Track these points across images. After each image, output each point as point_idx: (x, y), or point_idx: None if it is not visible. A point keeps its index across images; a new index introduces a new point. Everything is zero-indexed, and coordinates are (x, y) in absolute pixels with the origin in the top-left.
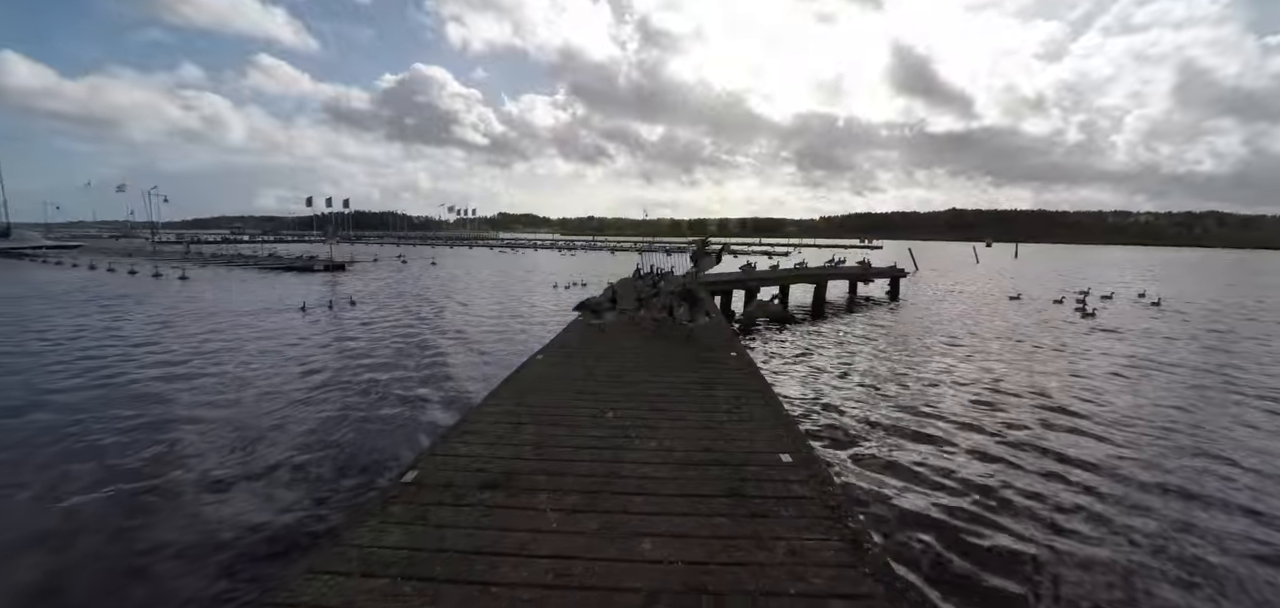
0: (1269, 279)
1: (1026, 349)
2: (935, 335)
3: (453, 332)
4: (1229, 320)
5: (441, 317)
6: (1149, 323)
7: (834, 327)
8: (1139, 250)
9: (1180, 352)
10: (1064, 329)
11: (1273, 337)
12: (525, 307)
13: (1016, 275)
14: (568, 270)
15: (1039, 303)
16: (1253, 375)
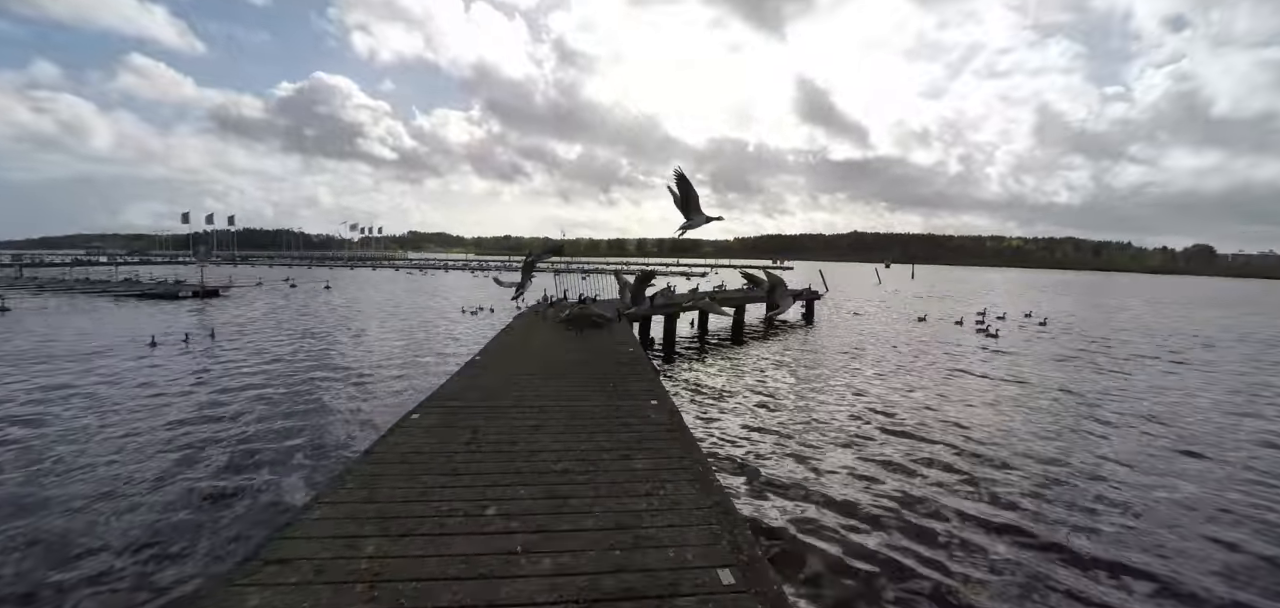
0: (1117, 298)
1: (942, 373)
2: (853, 363)
3: (327, 376)
4: (1099, 336)
5: (321, 355)
6: (1043, 344)
7: (754, 354)
8: (1013, 271)
9: (1071, 372)
10: (974, 353)
11: (1134, 356)
12: (422, 340)
13: (917, 297)
14: (478, 294)
15: (944, 325)
16: (1121, 396)
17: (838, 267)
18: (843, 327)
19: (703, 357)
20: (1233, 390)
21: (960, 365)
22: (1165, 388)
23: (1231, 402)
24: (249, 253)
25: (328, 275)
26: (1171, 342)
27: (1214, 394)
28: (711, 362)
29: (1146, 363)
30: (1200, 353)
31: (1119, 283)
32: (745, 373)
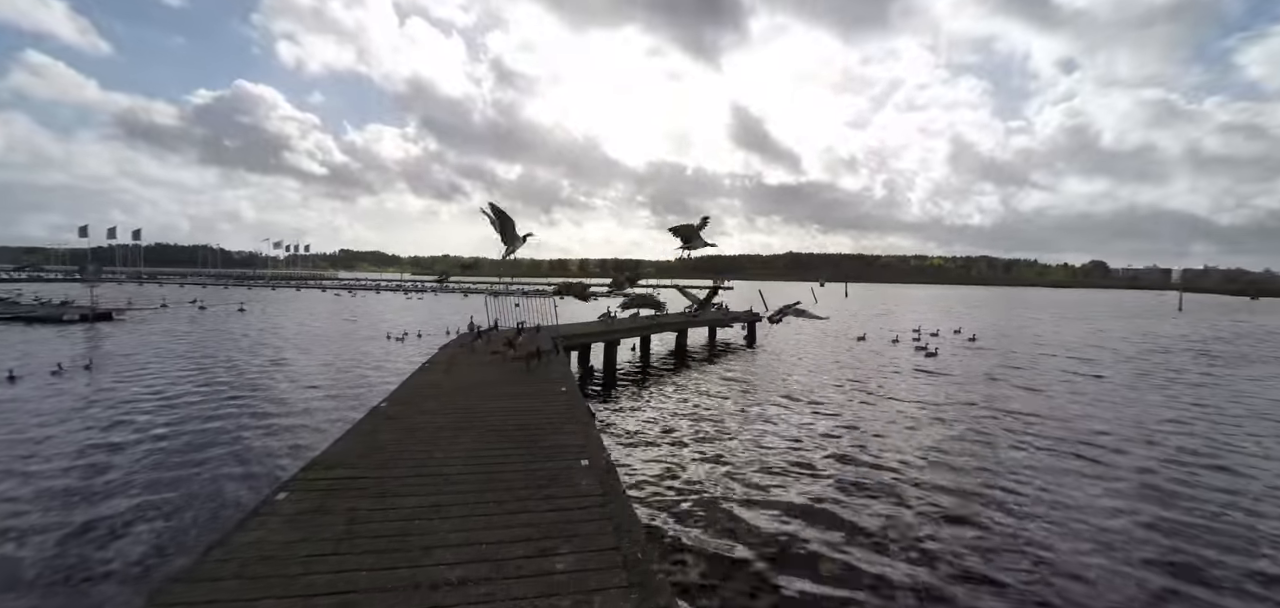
0: (1031, 312)
1: (891, 397)
2: (800, 390)
3: (217, 424)
4: (1024, 352)
5: (217, 393)
6: (978, 361)
7: (698, 381)
8: (934, 287)
9: (1007, 391)
10: (915, 375)
11: (1065, 372)
12: (338, 374)
13: (854, 315)
14: (410, 317)
15: (883, 343)
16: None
17: (775, 285)
18: (786, 349)
19: (645, 385)
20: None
21: (904, 388)
22: (1096, 400)
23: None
24: (159, 270)
25: (245, 296)
26: (1090, 353)
27: (1133, 409)
28: (655, 391)
29: (1075, 378)
30: (1115, 365)
31: (1029, 297)
32: (689, 402)
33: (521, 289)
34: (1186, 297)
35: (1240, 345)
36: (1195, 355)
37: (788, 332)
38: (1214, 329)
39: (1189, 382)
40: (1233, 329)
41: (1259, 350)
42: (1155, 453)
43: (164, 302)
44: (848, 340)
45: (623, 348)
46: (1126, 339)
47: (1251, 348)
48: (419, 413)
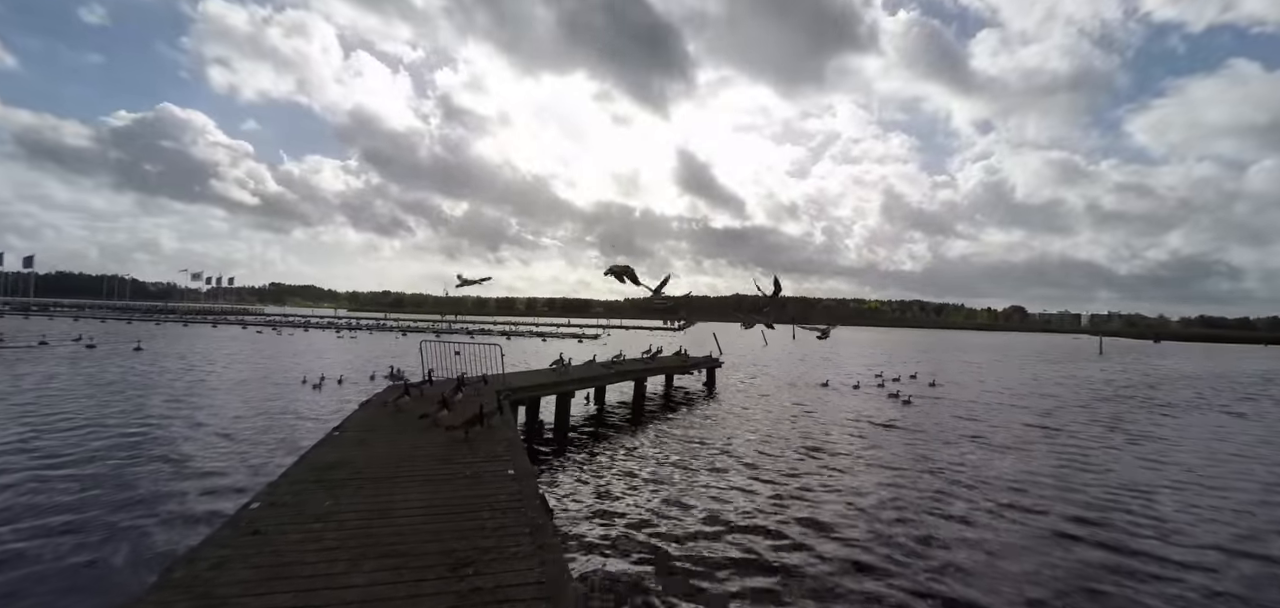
0: (972, 355)
1: (877, 456)
2: (773, 449)
3: (35, 517)
4: (982, 400)
5: (55, 466)
6: (955, 412)
7: (657, 437)
8: (873, 329)
9: (985, 452)
10: (895, 429)
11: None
12: (231, 435)
13: (805, 357)
14: (337, 359)
15: (846, 391)
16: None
17: (723, 327)
18: (747, 396)
19: (599, 443)
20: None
21: (891, 444)
22: (1078, 461)
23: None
24: (55, 301)
25: (151, 332)
26: (1045, 403)
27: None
28: (609, 451)
29: (1046, 432)
30: (1074, 413)
31: (960, 339)
32: (648, 464)
33: (466, 328)
34: (1105, 340)
35: (1178, 390)
36: (1140, 403)
37: (748, 379)
38: (1140, 373)
39: (1151, 434)
40: (1155, 372)
41: (1197, 395)
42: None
43: (43, 338)
44: (810, 387)
45: (576, 399)
46: (1066, 384)
47: (1193, 393)
48: (301, 525)
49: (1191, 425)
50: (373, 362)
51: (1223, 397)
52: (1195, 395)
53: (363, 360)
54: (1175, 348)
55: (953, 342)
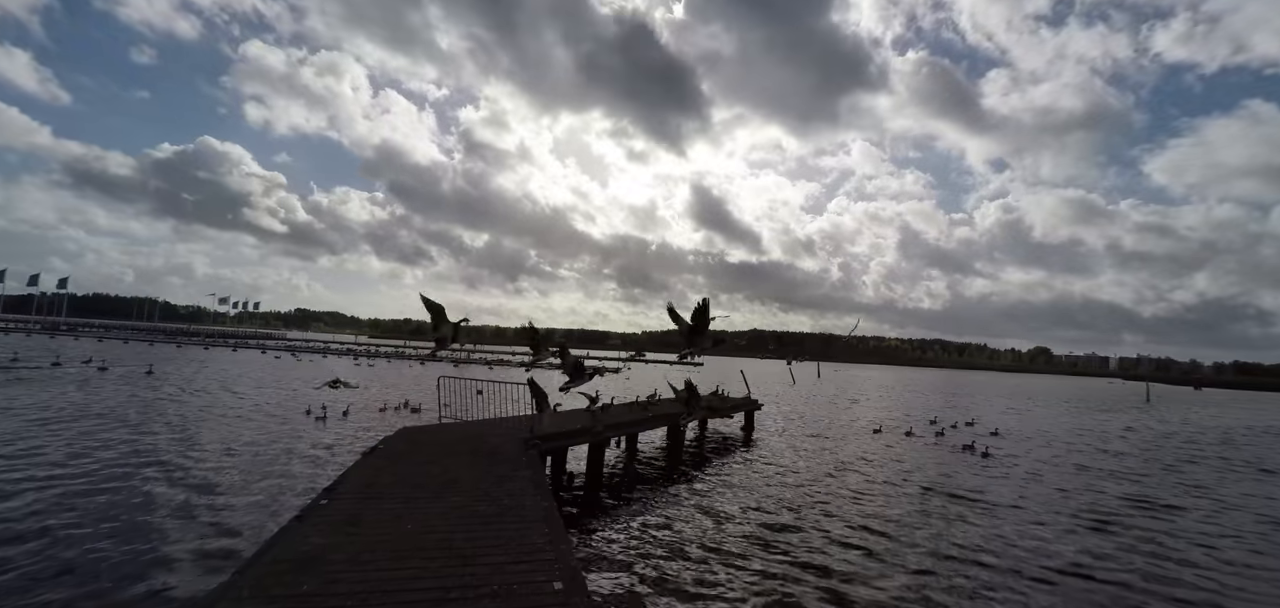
0: (1007, 400)
1: (969, 522)
2: (842, 513)
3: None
4: (1060, 453)
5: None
6: (1033, 463)
7: (700, 491)
8: (894, 369)
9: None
10: (986, 485)
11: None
12: (185, 495)
13: (832, 398)
14: (346, 389)
15: (907, 439)
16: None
17: (744, 362)
18: (792, 443)
19: (634, 498)
20: None
21: (985, 507)
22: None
23: None
24: (84, 322)
25: (169, 355)
26: (1129, 460)
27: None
28: (644, 508)
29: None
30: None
31: (986, 381)
32: (691, 527)
33: (485, 359)
34: (1153, 387)
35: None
36: (1241, 463)
37: (781, 420)
38: (1208, 425)
39: None
40: (1225, 425)
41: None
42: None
43: (57, 359)
44: (860, 434)
45: (612, 446)
46: (1131, 437)
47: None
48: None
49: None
50: (388, 390)
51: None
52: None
53: (375, 390)
54: (1218, 395)
55: (980, 384)
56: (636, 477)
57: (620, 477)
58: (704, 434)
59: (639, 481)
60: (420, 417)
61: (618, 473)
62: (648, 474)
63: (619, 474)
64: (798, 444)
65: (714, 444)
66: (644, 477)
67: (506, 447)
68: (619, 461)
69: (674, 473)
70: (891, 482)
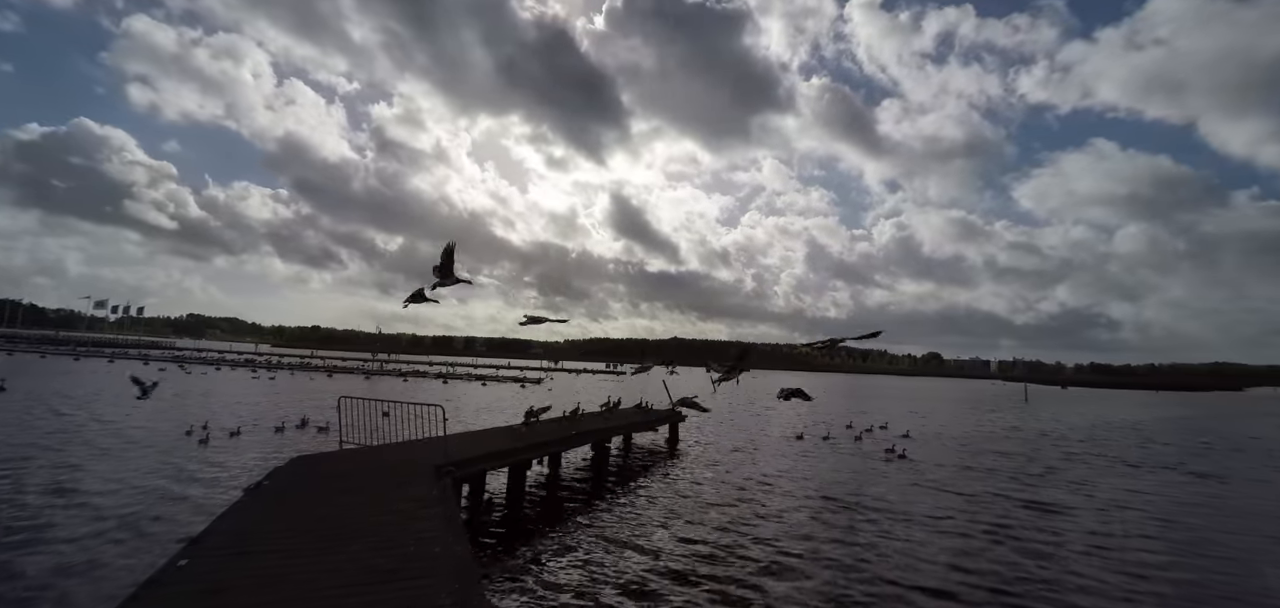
0: (906, 404)
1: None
2: (771, 531)
3: None
4: (958, 451)
5: None
6: (945, 463)
7: (622, 517)
8: (804, 374)
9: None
10: (915, 493)
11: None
12: (40, 543)
13: (750, 403)
14: (246, 402)
15: (817, 440)
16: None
17: (663, 370)
18: (724, 455)
19: (556, 520)
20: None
21: (905, 519)
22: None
23: None
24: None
25: (30, 366)
26: (1016, 450)
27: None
28: (572, 530)
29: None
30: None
31: (890, 384)
32: (616, 554)
33: (398, 369)
34: (1030, 388)
35: (1126, 444)
36: (1111, 460)
37: (704, 430)
38: (1078, 422)
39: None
40: (1093, 420)
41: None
42: None
43: None
44: (783, 439)
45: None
46: (1016, 434)
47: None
48: None
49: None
50: (286, 405)
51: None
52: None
53: (275, 405)
54: (1080, 392)
55: (883, 387)
56: (561, 500)
57: (543, 500)
58: (629, 449)
59: (564, 503)
60: (326, 438)
61: (541, 496)
62: (572, 496)
63: (542, 497)
64: (723, 457)
65: (639, 459)
66: (569, 499)
67: (416, 477)
68: (541, 481)
69: (600, 493)
70: (815, 496)
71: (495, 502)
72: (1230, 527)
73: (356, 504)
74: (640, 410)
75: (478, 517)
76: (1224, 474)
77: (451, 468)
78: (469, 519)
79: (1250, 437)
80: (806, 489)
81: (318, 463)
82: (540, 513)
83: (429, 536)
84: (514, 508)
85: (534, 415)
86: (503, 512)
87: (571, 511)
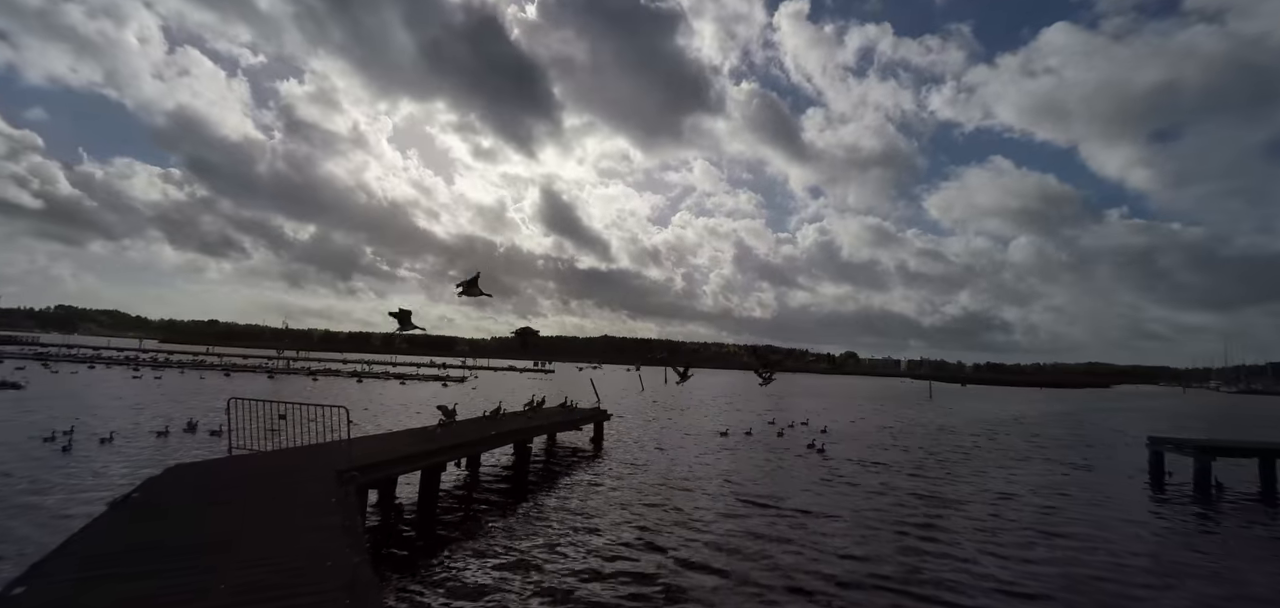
0: (825, 400)
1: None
2: (693, 532)
3: None
4: (871, 445)
5: None
6: (859, 457)
7: (543, 520)
8: (731, 373)
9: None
10: (842, 487)
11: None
12: None
13: (689, 402)
14: (124, 402)
15: (752, 437)
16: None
17: (596, 369)
18: (645, 454)
19: (474, 526)
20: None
21: (818, 515)
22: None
23: None
24: None
25: None
26: (920, 444)
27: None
28: (490, 536)
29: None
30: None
31: (811, 382)
32: (541, 557)
33: (308, 368)
34: (934, 385)
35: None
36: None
37: (635, 429)
38: (974, 417)
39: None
40: (985, 416)
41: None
42: None
43: None
44: (708, 436)
45: (451, 468)
46: (919, 429)
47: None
48: None
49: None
50: (169, 406)
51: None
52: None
53: (155, 407)
54: (978, 390)
55: (804, 385)
56: (479, 503)
57: (460, 505)
58: (553, 449)
59: (482, 507)
60: (218, 444)
61: (458, 501)
62: (491, 500)
63: (459, 502)
64: (648, 455)
65: (563, 459)
66: (487, 503)
67: (314, 485)
68: (459, 485)
69: (521, 496)
70: (737, 494)
71: (406, 508)
72: (1089, 517)
73: (240, 517)
74: (564, 410)
75: (387, 525)
76: (1090, 465)
77: (355, 474)
78: (377, 528)
79: (1112, 429)
80: (728, 488)
81: (201, 472)
82: (456, 518)
83: (322, 548)
84: (427, 514)
85: (450, 416)
86: (415, 518)
87: (489, 515)
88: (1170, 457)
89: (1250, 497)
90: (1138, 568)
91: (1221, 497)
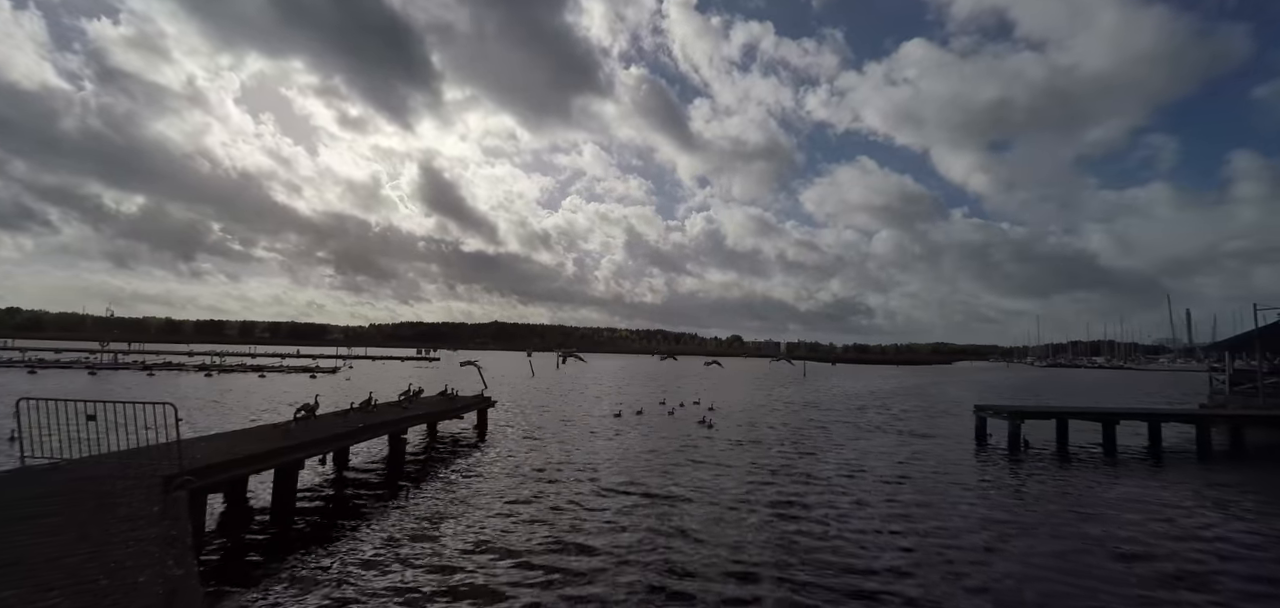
0: (711, 381)
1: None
2: (580, 521)
3: None
4: (751, 420)
5: None
6: (742, 433)
7: (415, 516)
8: (624, 357)
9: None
10: (733, 458)
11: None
12: None
13: (581, 385)
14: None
15: (643, 416)
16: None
17: (483, 355)
18: (533, 439)
19: (335, 526)
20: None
21: (705, 499)
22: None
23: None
24: None
25: None
26: (803, 418)
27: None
28: (353, 536)
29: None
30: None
31: (698, 365)
32: (409, 556)
33: (143, 362)
34: (808, 366)
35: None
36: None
37: (518, 415)
38: (840, 390)
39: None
40: (852, 392)
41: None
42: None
43: None
44: (600, 418)
45: (308, 469)
46: (793, 403)
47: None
48: None
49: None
50: None
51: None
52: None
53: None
54: (846, 368)
55: (692, 368)
56: (344, 503)
57: (323, 506)
58: (433, 439)
59: (347, 507)
60: (11, 452)
61: (322, 501)
62: (361, 497)
63: (323, 502)
64: (539, 439)
65: (443, 450)
66: (354, 502)
67: (132, 493)
68: (324, 483)
69: (393, 490)
70: (629, 475)
71: (259, 513)
72: (933, 485)
73: (29, 536)
74: (445, 398)
75: (234, 533)
76: (933, 433)
77: (189, 478)
78: (224, 536)
79: (953, 399)
80: (621, 468)
81: None
82: (317, 520)
83: (133, 562)
84: (282, 518)
85: (310, 411)
86: (267, 522)
87: (356, 513)
88: (991, 421)
89: (1048, 451)
90: (962, 514)
91: (1027, 452)
